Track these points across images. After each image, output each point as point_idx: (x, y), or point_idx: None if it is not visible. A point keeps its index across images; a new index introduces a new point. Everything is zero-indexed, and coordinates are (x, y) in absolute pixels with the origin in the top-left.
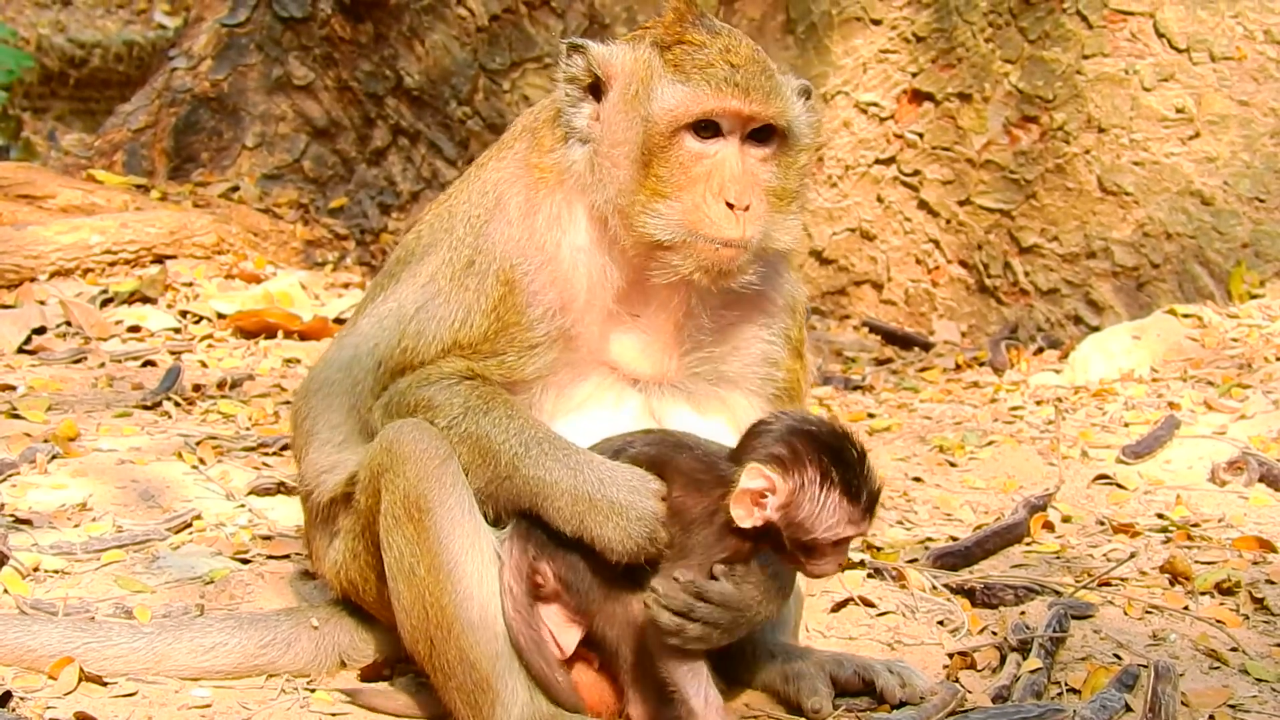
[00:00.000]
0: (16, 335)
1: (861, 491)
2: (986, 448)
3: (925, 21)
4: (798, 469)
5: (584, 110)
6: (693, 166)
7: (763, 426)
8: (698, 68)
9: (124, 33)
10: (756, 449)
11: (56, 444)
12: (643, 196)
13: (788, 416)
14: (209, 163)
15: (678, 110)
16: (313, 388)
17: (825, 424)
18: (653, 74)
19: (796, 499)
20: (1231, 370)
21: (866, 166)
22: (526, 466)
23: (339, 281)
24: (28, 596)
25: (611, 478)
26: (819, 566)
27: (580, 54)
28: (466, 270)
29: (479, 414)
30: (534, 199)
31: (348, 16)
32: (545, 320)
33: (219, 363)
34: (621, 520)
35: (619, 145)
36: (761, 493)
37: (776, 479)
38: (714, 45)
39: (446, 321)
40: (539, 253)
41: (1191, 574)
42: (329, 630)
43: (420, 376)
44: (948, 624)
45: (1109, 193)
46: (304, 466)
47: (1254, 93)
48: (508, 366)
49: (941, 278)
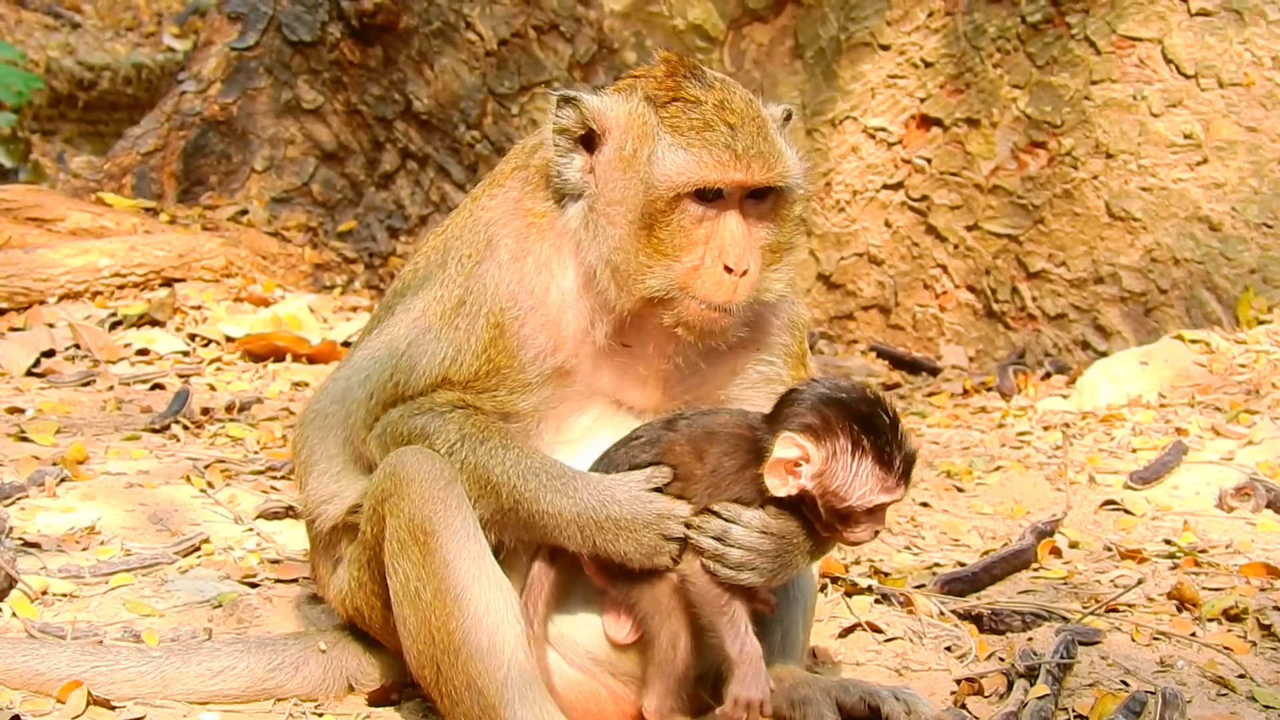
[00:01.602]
0: (25, 358)
1: (895, 458)
2: (994, 473)
3: (934, 47)
4: (830, 437)
5: (575, 162)
6: (693, 230)
7: (795, 394)
8: (696, 130)
9: (133, 55)
10: (790, 417)
11: (65, 467)
12: (642, 257)
13: (820, 384)
14: (218, 186)
15: (678, 179)
16: (309, 418)
17: (858, 390)
18: (649, 134)
19: (830, 467)
20: (1239, 396)
21: (874, 191)
22: (528, 501)
23: (347, 305)
24: (36, 620)
25: (610, 495)
26: (855, 534)
27: (572, 106)
28: (457, 309)
29: (475, 443)
30: (524, 243)
31: (357, 41)
32: (537, 362)
33: (227, 386)
34: (630, 533)
35: (615, 204)
36: (795, 461)
37: (810, 447)
38: (709, 100)
39: (438, 358)
40: (529, 297)
41: (1199, 600)
42: (337, 654)
43: (412, 407)
44: (955, 650)
45: (1117, 218)
46: (305, 497)
47: (1262, 119)
48: (499, 401)
49: (949, 303)
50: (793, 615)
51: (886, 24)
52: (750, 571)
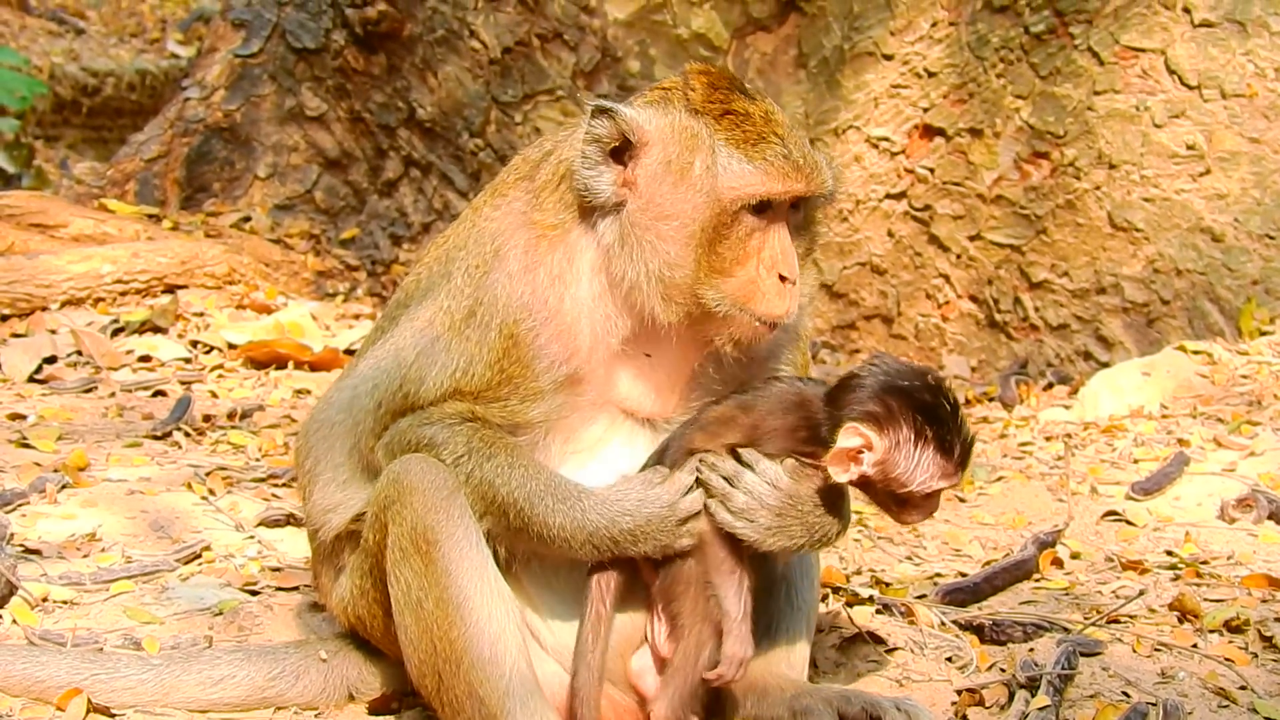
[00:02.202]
0: (27, 364)
1: (955, 446)
2: (996, 483)
3: (937, 57)
4: (893, 427)
5: (607, 175)
6: (749, 241)
7: (856, 380)
8: (752, 142)
9: (137, 62)
10: (852, 405)
11: (66, 474)
12: (700, 271)
13: (880, 369)
14: (221, 193)
15: (745, 191)
16: (313, 428)
17: (920, 376)
18: (702, 146)
19: (892, 456)
20: (1241, 407)
21: (877, 201)
22: (536, 523)
23: (350, 313)
24: (36, 627)
25: (619, 508)
26: (909, 515)
27: (608, 117)
28: (467, 320)
29: (482, 458)
30: (534, 254)
31: (361, 48)
32: (551, 371)
33: (229, 393)
34: (646, 537)
35: (667, 218)
36: (859, 450)
37: (874, 437)
38: (757, 113)
39: (449, 369)
40: (543, 308)
41: (1200, 612)
42: (337, 663)
43: (421, 417)
44: (956, 661)
45: (1119, 229)
46: (309, 506)
47: (1265, 130)
48: (510, 410)
49: (952, 313)
50: (795, 625)
51: (890, 34)
52: (748, 523)
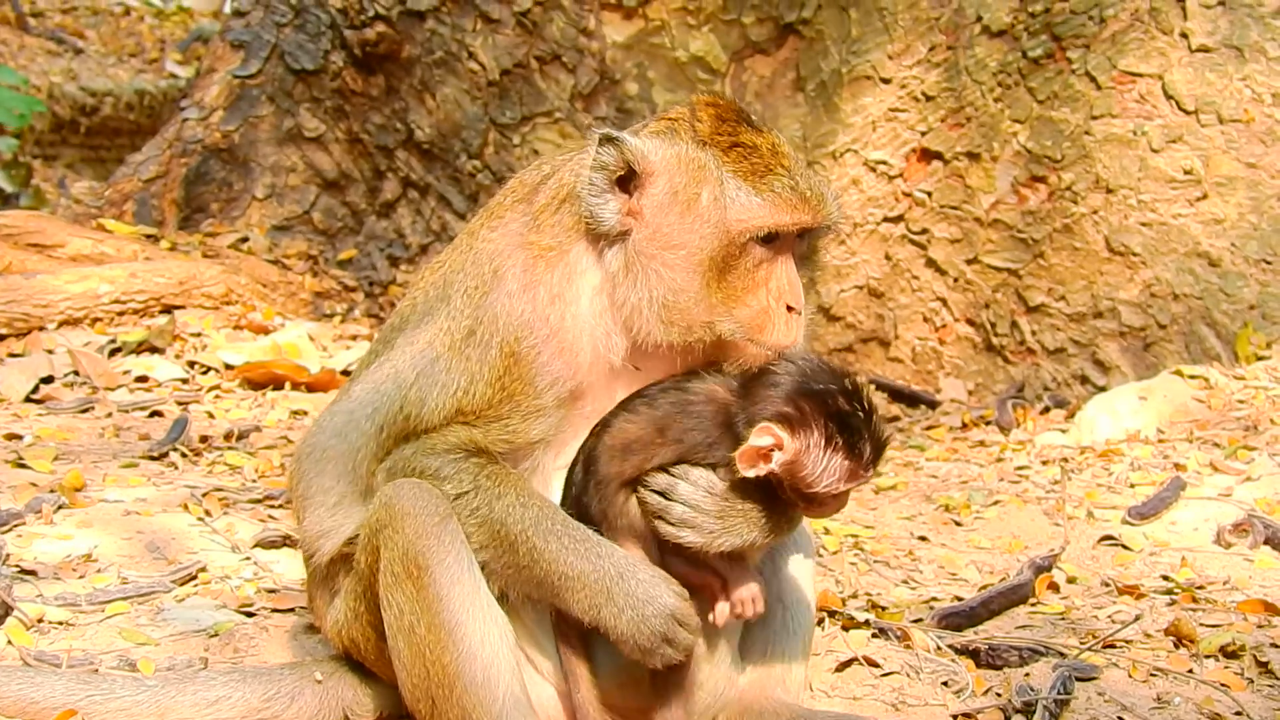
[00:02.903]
0: (24, 384)
1: (865, 451)
2: (992, 507)
3: (935, 81)
4: (804, 430)
5: (611, 203)
6: (757, 272)
7: (771, 378)
8: (760, 174)
9: (135, 81)
10: (766, 403)
11: (63, 494)
12: (712, 300)
13: (796, 370)
14: (219, 213)
15: (753, 223)
16: (306, 453)
17: (835, 380)
18: (709, 178)
19: (801, 458)
20: (1238, 432)
21: (875, 224)
22: (547, 560)
23: (347, 333)
24: (31, 648)
25: (634, 570)
26: (815, 511)
27: (614, 146)
28: (467, 340)
29: (491, 497)
30: (533, 274)
31: (359, 69)
32: (554, 387)
33: (226, 414)
34: (636, 615)
35: (673, 248)
36: (769, 449)
37: (785, 438)
38: (764, 145)
39: (450, 389)
40: (544, 325)
41: (1196, 637)
42: (333, 685)
43: (426, 446)
44: (952, 685)
45: (1116, 253)
46: (303, 530)
47: (1262, 155)
48: (511, 430)
49: (949, 336)
50: (791, 648)
51: (888, 57)
52: (691, 530)
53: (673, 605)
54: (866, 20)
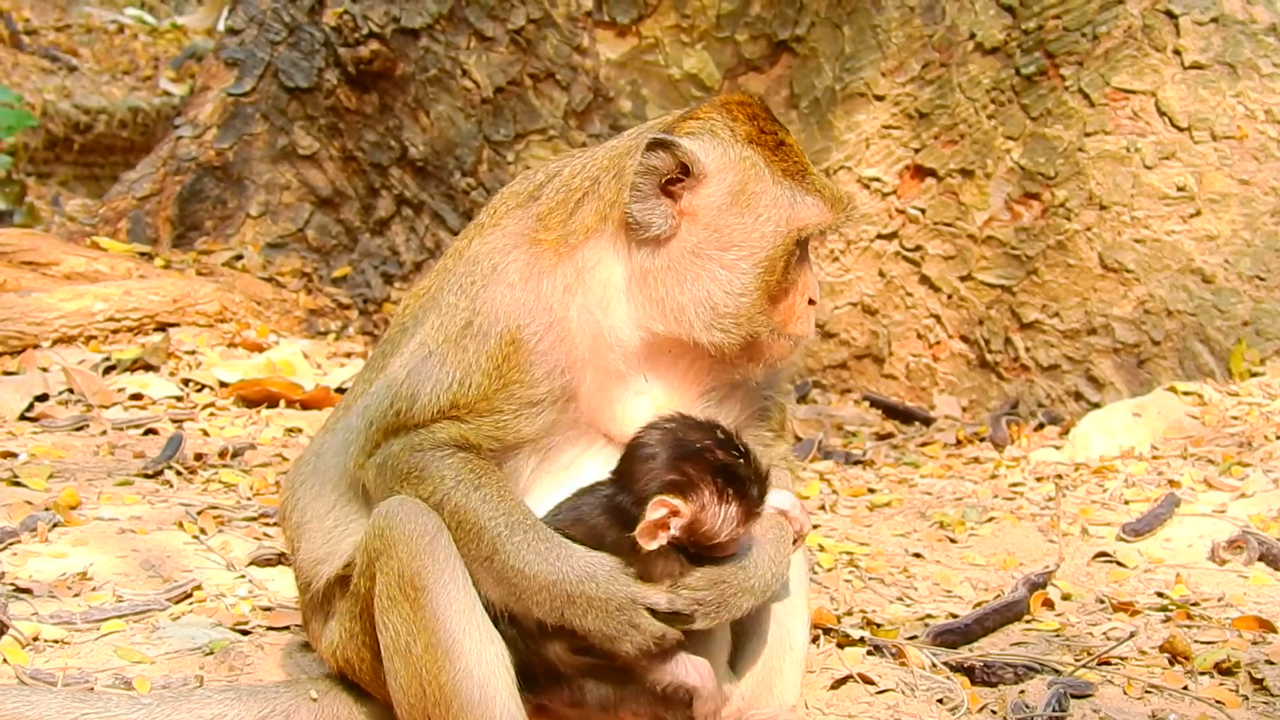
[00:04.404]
0: (19, 402)
1: (754, 491)
2: (987, 524)
3: (928, 98)
4: (694, 492)
5: (660, 207)
6: (798, 270)
7: (644, 449)
8: (803, 174)
9: (129, 99)
10: (649, 477)
11: (58, 512)
12: (762, 301)
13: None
14: (213, 231)
15: (811, 221)
16: (299, 480)
17: (708, 434)
18: (761, 177)
19: (699, 517)
20: (1232, 448)
21: (868, 241)
22: (506, 553)
23: (341, 351)
24: (27, 666)
25: (590, 571)
26: (718, 553)
27: (666, 149)
28: (464, 332)
29: (469, 488)
30: (538, 265)
31: (353, 87)
32: (549, 378)
33: (221, 432)
34: (601, 613)
35: (732, 248)
36: (666, 519)
37: (679, 504)
38: (796, 146)
39: (445, 383)
40: (546, 313)
41: (1191, 653)
42: (328, 703)
43: (414, 442)
44: (947, 702)
45: (1110, 270)
46: (299, 558)
47: (1255, 172)
48: (503, 426)
49: (943, 353)
50: (786, 666)
51: (881, 75)
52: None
53: (631, 594)
54: (860, 38)
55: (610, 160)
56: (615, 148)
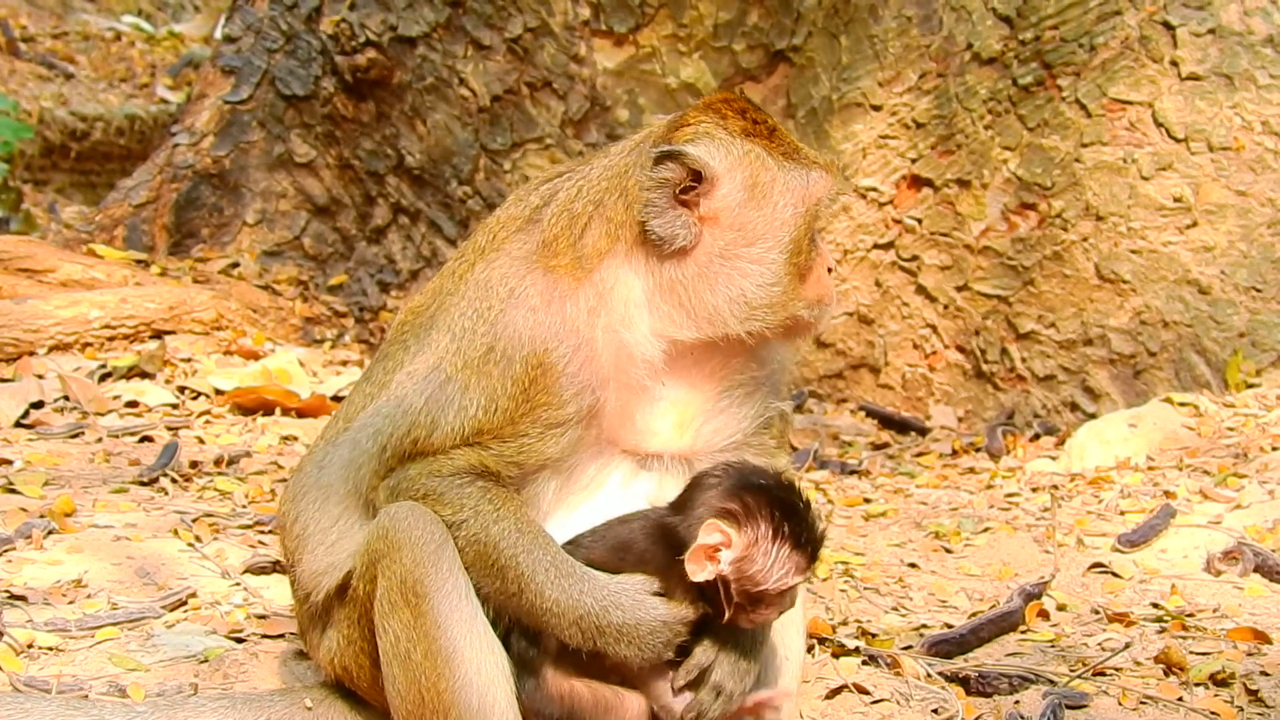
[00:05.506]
0: (14, 409)
1: (809, 542)
2: (982, 534)
3: (925, 108)
4: (751, 524)
5: (680, 218)
6: (813, 246)
7: (709, 480)
8: (796, 152)
9: (126, 106)
10: (708, 503)
11: (53, 519)
12: (793, 284)
13: (734, 469)
14: (209, 239)
15: (822, 194)
16: (299, 493)
17: (772, 476)
18: (767, 166)
19: (750, 553)
20: (1227, 459)
21: (865, 251)
22: (532, 591)
23: (337, 359)
24: (21, 673)
25: (614, 600)
26: (762, 615)
27: (675, 160)
28: (486, 357)
29: (488, 520)
30: (558, 289)
31: (350, 95)
32: (578, 398)
33: (216, 439)
34: (632, 640)
35: (758, 242)
36: (716, 547)
37: (733, 534)
38: (782, 129)
39: (469, 410)
40: (574, 335)
41: (1186, 664)
42: (323, 711)
43: (431, 468)
44: (942, 712)
45: (1106, 280)
46: (299, 571)
47: (1252, 183)
48: (525, 449)
49: (939, 363)
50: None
51: (878, 85)
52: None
53: (661, 617)
54: (857, 48)
55: (610, 181)
56: (611, 167)
